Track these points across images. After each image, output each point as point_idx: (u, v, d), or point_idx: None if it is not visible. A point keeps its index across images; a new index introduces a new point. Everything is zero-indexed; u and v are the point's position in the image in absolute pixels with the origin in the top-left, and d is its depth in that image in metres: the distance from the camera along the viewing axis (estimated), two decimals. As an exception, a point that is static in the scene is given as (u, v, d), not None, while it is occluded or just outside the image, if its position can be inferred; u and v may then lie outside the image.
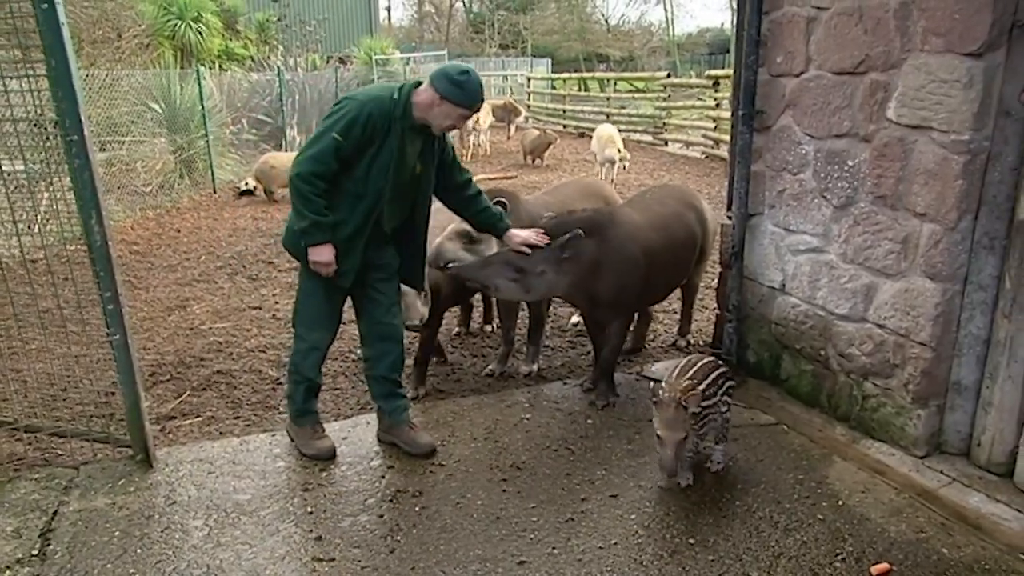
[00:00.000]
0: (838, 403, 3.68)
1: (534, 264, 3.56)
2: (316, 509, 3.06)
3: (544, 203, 4.53)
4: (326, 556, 2.77)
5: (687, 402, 2.92)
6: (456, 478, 3.29)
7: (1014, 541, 2.78)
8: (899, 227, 3.24)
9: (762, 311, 4.10)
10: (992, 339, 3.11)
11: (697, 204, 4.39)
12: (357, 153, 3.09)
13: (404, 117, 3.13)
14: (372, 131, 3.08)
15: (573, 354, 4.77)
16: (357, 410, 4.02)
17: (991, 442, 3.15)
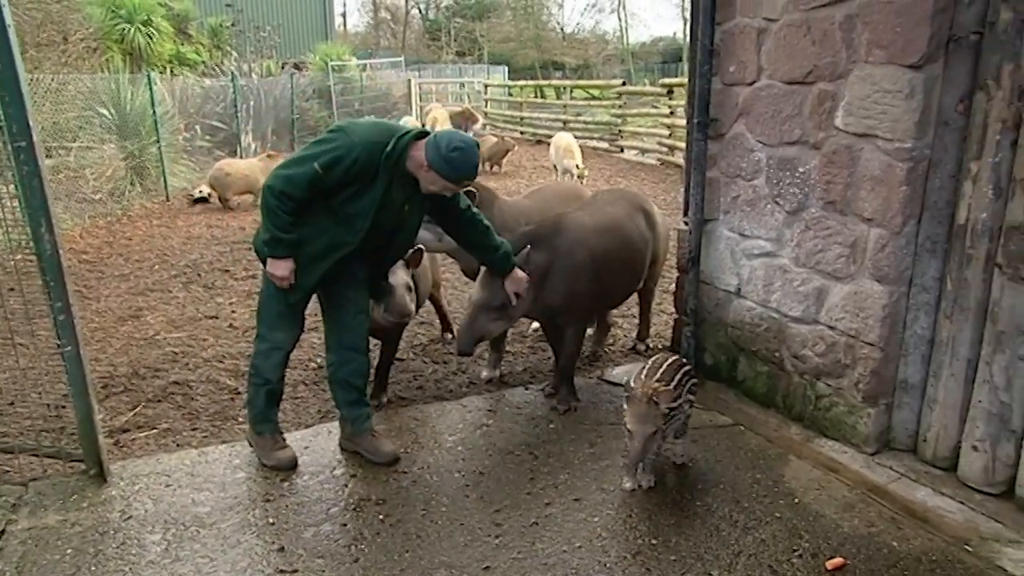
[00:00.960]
0: (793, 403, 3.77)
1: (506, 295, 3.60)
2: (278, 520, 3.02)
3: (523, 207, 4.55)
4: (289, 568, 2.73)
5: (659, 398, 2.97)
6: (419, 485, 3.28)
7: (958, 532, 2.89)
8: (848, 231, 3.34)
9: (719, 315, 4.18)
10: (936, 339, 3.23)
11: (647, 208, 4.45)
12: (338, 187, 3.05)
13: (396, 167, 3.08)
14: (357, 175, 3.02)
15: (535, 360, 4.79)
16: (318, 419, 3.97)
17: (936, 438, 3.27)
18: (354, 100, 19.65)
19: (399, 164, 3.09)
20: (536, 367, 4.65)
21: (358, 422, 3.47)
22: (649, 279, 4.60)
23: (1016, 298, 2.90)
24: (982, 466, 3.09)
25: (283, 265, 3.13)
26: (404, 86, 22.54)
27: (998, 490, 3.07)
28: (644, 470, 3.23)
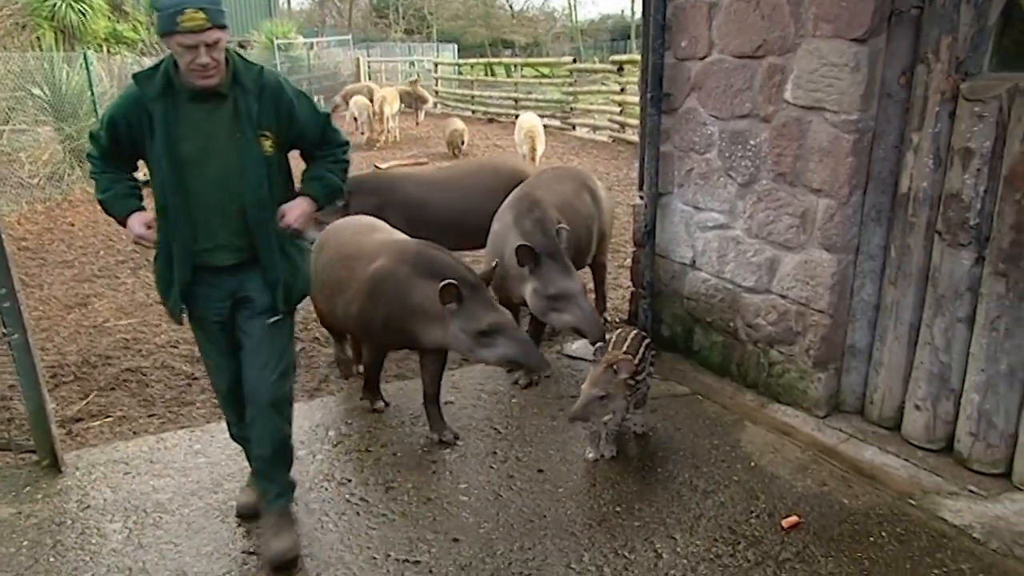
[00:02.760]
0: (747, 371, 3.88)
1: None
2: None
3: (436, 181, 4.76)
4: (257, 549, 2.72)
5: (619, 367, 3.03)
6: (384, 462, 3.28)
7: (903, 488, 3.04)
8: (798, 202, 3.43)
9: (674, 287, 4.26)
10: (881, 304, 3.36)
11: (591, 185, 4.50)
12: (133, 142, 2.49)
13: (168, 85, 2.44)
14: (136, 118, 2.45)
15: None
16: (279, 401, 3.92)
17: (881, 399, 3.41)
18: (302, 80, 19.20)
19: (168, 79, 2.43)
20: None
21: (265, 498, 2.79)
22: (599, 254, 4.64)
23: (954, 263, 3.03)
24: (924, 424, 3.24)
25: (132, 223, 2.52)
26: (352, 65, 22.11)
27: (938, 446, 3.22)
28: (607, 441, 3.30)
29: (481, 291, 3.16)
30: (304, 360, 4.45)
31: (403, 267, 3.25)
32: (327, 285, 3.56)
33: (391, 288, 3.25)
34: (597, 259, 4.66)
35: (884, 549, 2.70)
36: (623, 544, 2.75)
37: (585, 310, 3.50)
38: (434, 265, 3.20)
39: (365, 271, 3.36)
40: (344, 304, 3.48)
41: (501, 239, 3.83)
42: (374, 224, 3.83)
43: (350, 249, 3.55)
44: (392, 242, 3.49)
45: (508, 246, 3.71)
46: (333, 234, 3.79)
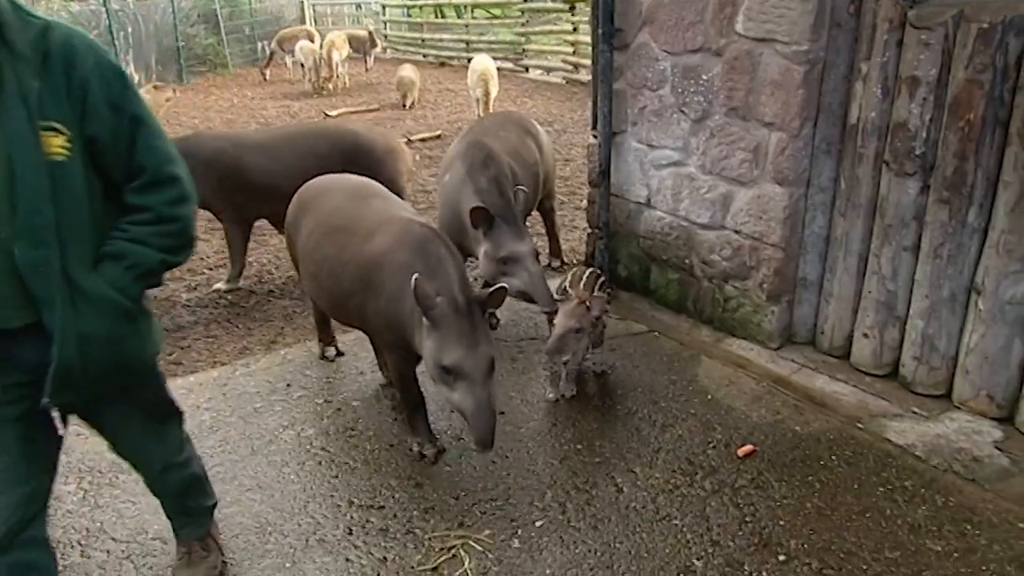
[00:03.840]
0: (703, 307, 3.93)
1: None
2: (203, 456, 2.93)
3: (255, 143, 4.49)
4: (222, 499, 2.68)
5: (591, 304, 3.06)
6: (344, 413, 3.27)
7: (852, 412, 3.14)
8: (750, 137, 3.43)
9: (630, 226, 4.25)
10: (831, 236, 3.40)
11: (533, 129, 4.42)
12: None
13: None
14: None
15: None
16: (235, 355, 3.86)
17: (832, 329, 3.50)
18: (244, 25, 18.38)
19: None
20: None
21: (174, 529, 2.42)
22: (546, 198, 4.59)
23: (901, 192, 3.07)
24: (871, 351, 3.33)
25: None
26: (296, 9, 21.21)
27: (885, 372, 3.33)
28: (566, 381, 3.32)
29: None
30: (259, 314, 4.37)
31: (401, 253, 2.66)
32: (311, 260, 3.01)
33: (387, 278, 2.68)
34: (544, 204, 4.59)
35: (834, 471, 2.80)
36: (584, 480, 2.80)
37: (533, 274, 3.38)
38: (435, 257, 2.62)
39: (359, 253, 2.78)
40: (331, 290, 2.92)
41: (455, 192, 3.69)
42: (369, 187, 3.20)
43: (341, 219, 2.94)
44: (393, 217, 2.84)
45: (464, 201, 3.57)
46: (319, 194, 3.16)
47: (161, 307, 4.44)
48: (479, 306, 2.56)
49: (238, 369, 3.65)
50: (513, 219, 3.46)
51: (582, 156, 6.97)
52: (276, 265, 5.06)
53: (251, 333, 4.13)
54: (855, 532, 2.51)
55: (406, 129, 9.32)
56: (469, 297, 2.55)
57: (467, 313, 2.51)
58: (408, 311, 2.61)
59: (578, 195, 6.30)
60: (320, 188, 3.23)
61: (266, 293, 4.66)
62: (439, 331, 2.49)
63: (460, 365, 2.46)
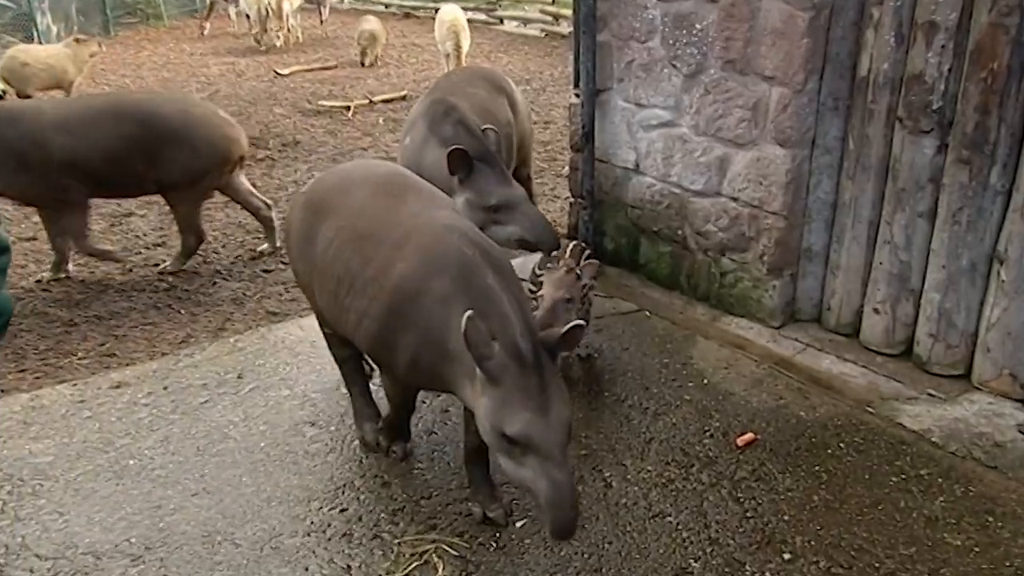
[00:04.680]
0: (697, 283, 3.91)
1: None
2: (141, 460, 2.89)
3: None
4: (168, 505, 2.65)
5: (582, 270, 3.04)
6: (303, 407, 3.22)
7: (861, 395, 3.15)
8: (749, 93, 3.39)
9: (617, 194, 4.22)
10: (838, 202, 3.39)
11: (506, 86, 4.36)
12: None
13: None
14: None
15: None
16: (177, 345, 3.79)
17: (839, 305, 3.50)
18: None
19: None
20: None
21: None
22: (521, 165, 4.51)
23: (915, 152, 3.05)
24: (883, 328, 3.34)
25: None
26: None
27: (897, 350, 3.34)
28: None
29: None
30: (204, 297, 4.29)
31: (439, 281, 2.28)
32: (327, 273, 2.60)
33: (422, 312, 2.31)
34: (520, 172, 4.51)
35: (842, 460, 2.80)
36: (570, 475, 2.77)
37: (534, 218, 3.35)
38: (483, 288, 2.21)
39: (388, 270, 2.39)
40: (354, 312, 2.50)
41: (416, 154, 3.64)
42: (404, 177, 2.79)
43: (368, 221, 2.53)
44: (429, 224, 2.43)
45: (427, 158, 3.53)
46: (339, 185, 2.76)
47: (92, 291, 4.33)
48: (549, 352, 2.14)
49: (181, 360, 3.59)
50: (494, 160, 3.40)
51: (563, 118, 6.90)
52: (223, 243, 4.96)
53: (195, 319, 4.06)
54: (866, 527, 2.51)
55: (368, 89, 9.19)
56: (536, 341, 2.11)
57: (534, 364, 2.07)
58: (452, 355, 2.23)
59: (559, 161, 6.25)
60: (340, 181, 2.78)
61: (212, 274, 4.57)
62: (498, 389, 2.09)
63: (528, 436, 2.05)
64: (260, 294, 4.32)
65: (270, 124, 7.58)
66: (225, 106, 8.03)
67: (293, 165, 6.41)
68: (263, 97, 8.77)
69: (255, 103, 8.45)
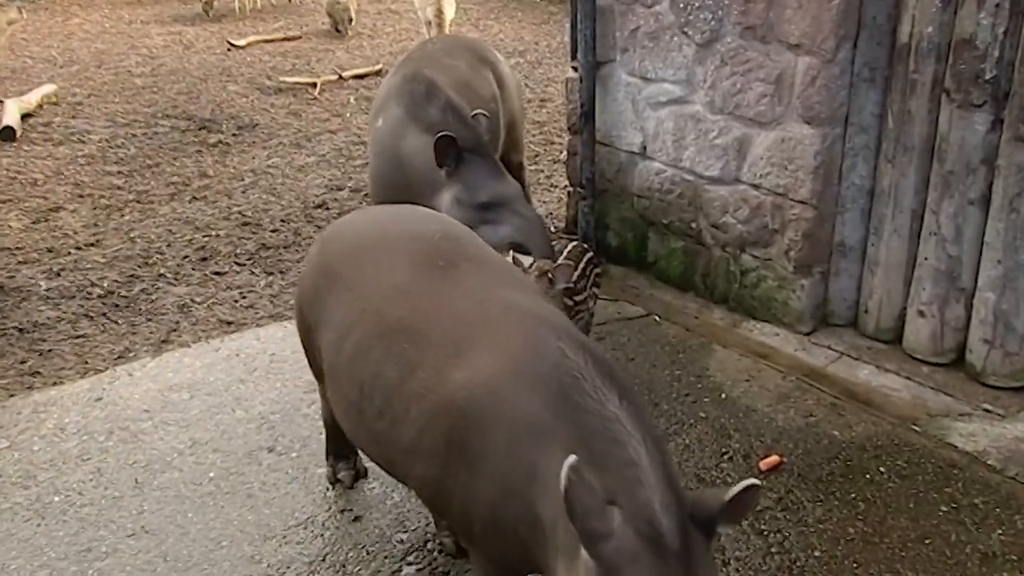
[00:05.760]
0: (714, 283, 3.90)
1: None
2: (68, 493, 2.87)
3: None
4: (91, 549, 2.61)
5: (555, 274, 2.99)
6: (260, 430, 3.20)
7: (905, 412, 3.13)
8: (771, 64, 3.38)
9: (621, 182, 4.20)
10: (876, 189, 3.38)
11: (492, 58, 4.34)
12: None
13: None
14: None
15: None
16: (113, 360, 3.75)
17: (878, 307, 3.48)
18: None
19: None
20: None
21: None
22: (511, 151, 4.47)
23: (966, 130, 3.04)
24: (929, 333, 3.32)
25: None
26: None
27: (947, 359, 3.33)
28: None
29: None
30: (146, 305, 4.25)
31: (526, 402, 1.77)
32: (348, 378, 2.16)
33: (497, 449, 1.81)
34: (509, 158, 4.47)
35: (883, 487, 2.78)
36: (568, 507, 2.75)
37: (529, 219, 3.33)
38: (598, 419, 1.68)
39: (442, 384, 1.91)
40: (391, 443, 2.07)
41: (392, 138, 3.59)
42: (455, 237, 2.31)
43: (407, 308, 2.08)
44: (505, 314, 1.98)
45: (407, 146, 3.49)
46: (360, 246, 2.31)
47: (10, 299, 4.28)
48: (704, 530, 1.58)
49: (118, 377, 3.57)
50: (487, 152, 3.38)
51: (561, 95, 6.88)
52: (168, 241, 4.92)
53: (135, 330, 4.02)
54: (911, 564, 2.49)
55: (338, 63, 9.15)
56: (683, 513, 1.56)
57: (680, 552, 1.51)
58: (542, 522, 1.73)
59: (557, 144, 6.23)
60: (363, 237, 2.34)
61: (155, 278, 4.53)
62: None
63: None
64: (211, 300, 4.28)
65: (223, 104, 7.54)
66: (171, 83, 8.05)
67: (250, 151, 6.37)
68: (215, 72, 8.71)
69: (206, 79, 8.39)
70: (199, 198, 5.44)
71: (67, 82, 7.91)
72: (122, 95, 7.61)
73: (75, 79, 8.10)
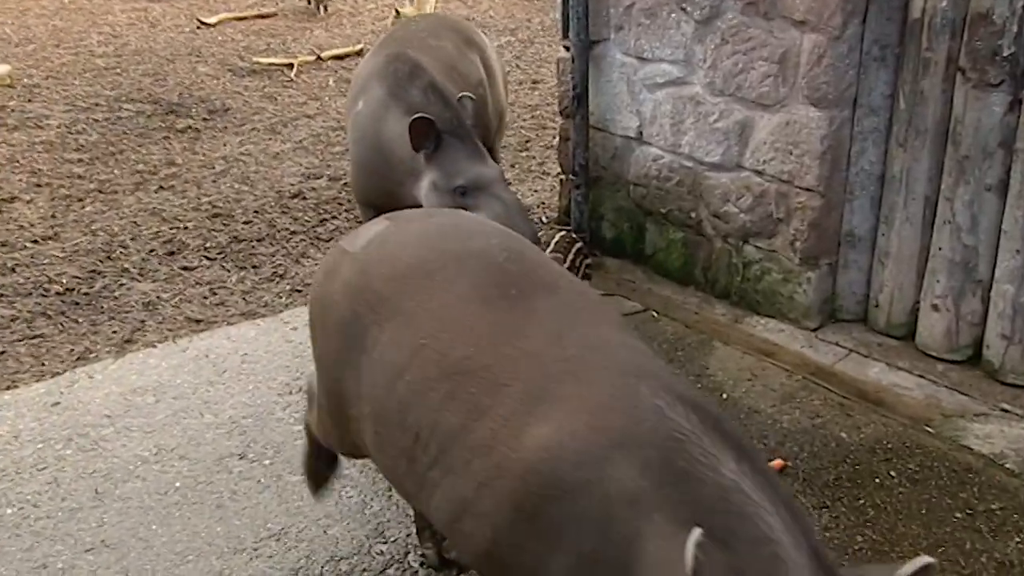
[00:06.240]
0: (716, 276, 3.91)
1: None
2: (22, 505, 2.86)
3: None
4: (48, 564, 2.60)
5: None
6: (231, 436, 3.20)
7: (917, 412, 3.14)
8: (775, 41, 3.38)
9: (617, 169, 4.21)
10: (887, 175, 3.39)
11: (477, 39, 4.33)
12: None
13: None
14: None
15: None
16: (73, 361, 3.74)
17: (890, 300, 3.50)
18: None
19: None
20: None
21: None
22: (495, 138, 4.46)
23: (982, 111, 3.05)
24: (944, 329, 3.33)
25: None
26: None
27: (963, 356, 3.34)
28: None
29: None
30: (109, 302, 4.24)
31: (623, 466, 1.58)
32: (391, 419, 1.98)
33: (585, 521, 1.61)
34: (494, 144, 4.47)
35: (893, 492, 2.79)
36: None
37: (508, 202, 3.33)
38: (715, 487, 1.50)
39: (516, 438, 1.72)
40: (447, 497, 1.86)
41: (373, 122, 3.58)
42: (525, 258, 2.06)
43: (472, 345, 1.88)
44: (592, 358, 1.81)
45: (388, 130, 3.48)
46: (412, 266, 2.06)
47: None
48: None
49: (77, 380, 3.56)
50: (467, 134, 3.38)
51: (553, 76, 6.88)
52: (132, 234, 4.90)
53: (96, 330, 4.00)
54: (924, 574, 2.49)
55: (315, 42, 9.11)
56: None
57: None
58: None
59: (550, 129, 6.23)
60: (415, 258, 2.09)
61: (118, 273, 4.51)
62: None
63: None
64: (179, 297, 4.27)
65: (192, 86, 7.51)
66: (136, 64, 8.01)
67: (221, 137, 6.34)
68: (183, 52, 8.67)
69: (173, 60, 8.35)
70: (166, 188, 5.40)
71: (22, 62, 7.85)
72: (83, 77, 7.54)
73: (31, 59, 8.03)
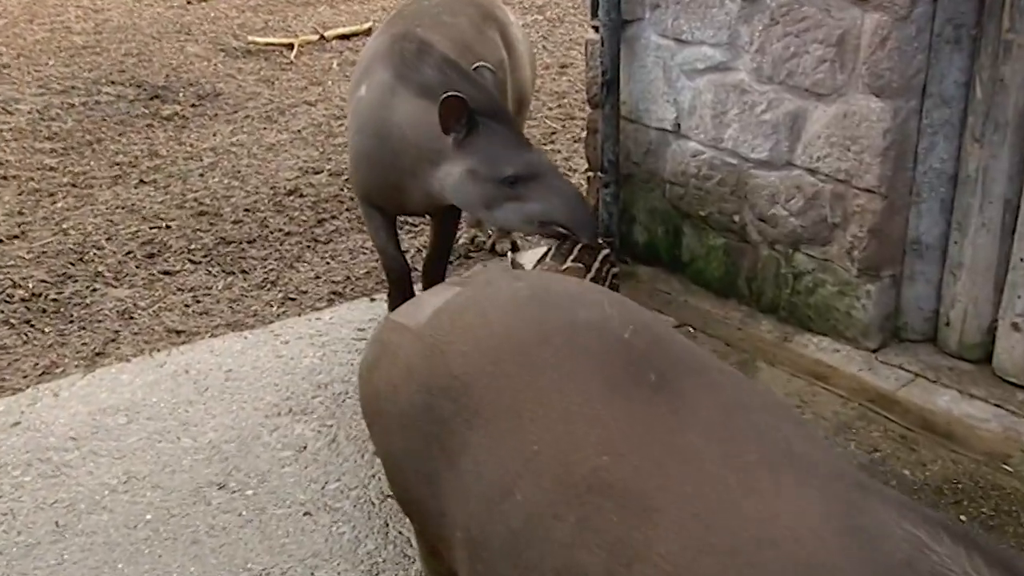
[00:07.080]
0: (762, 288, 3.89)
1: None
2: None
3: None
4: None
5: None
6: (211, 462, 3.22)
7: (994, 447, 3.10)
8: (832, 21, 3.34)
9: (650, 166, 4.20)
10: (960, 174, 3.35)
11: (499, 15, 4.33)
12: None
13: None
14: None
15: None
16: (37, 377, 3.78)
17: (962, 318, 3.45)
18: None
19: None
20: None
21: None
22: None
23: (1069, 104, 3.01)
24: (1024, 352, 3.29)
25: None
26: None
27: (1047, 382, 3.29)
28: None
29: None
30: (79, 310, 4.28)
31: None
32: (500, 549, 1.62)
33: None
34: None
35: (965, 540, 2.74)
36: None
37: (569, 196, 3.29)
38: None
39: None
40: None
41: (378, 108, 3.57)
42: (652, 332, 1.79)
43: (619, 454, 1.53)
44: (786, 463, 1.49)
45: (396, 114, 3.47)
46: (507, 346, 1.75)
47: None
48: None
49: (40, 398, 3.59)
50: (506, 116, 3.38)
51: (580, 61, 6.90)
52: (108, 234, 4.94)
53: (64, 341, 4.04)
54: (997, 636, 2.44)
55: (318, 20, 9.19)
56: None
57: None
58: None
59: (578, 120, 6.24)
60: (508, 335, 1.78)
61: (91, 278, 4.56)
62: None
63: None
64: (158, 305, 4.31)
65: (180, 68, 7.58)
66: (118, 43, 8.07)
67: (210, 125, 6.40)
68: (171, 30, 8.75)
69: (160, 38, 8.44)
70: (147, 182, 5.46)
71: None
72: (58, 56, 7.64)
73: (1, 36, 8.13)
